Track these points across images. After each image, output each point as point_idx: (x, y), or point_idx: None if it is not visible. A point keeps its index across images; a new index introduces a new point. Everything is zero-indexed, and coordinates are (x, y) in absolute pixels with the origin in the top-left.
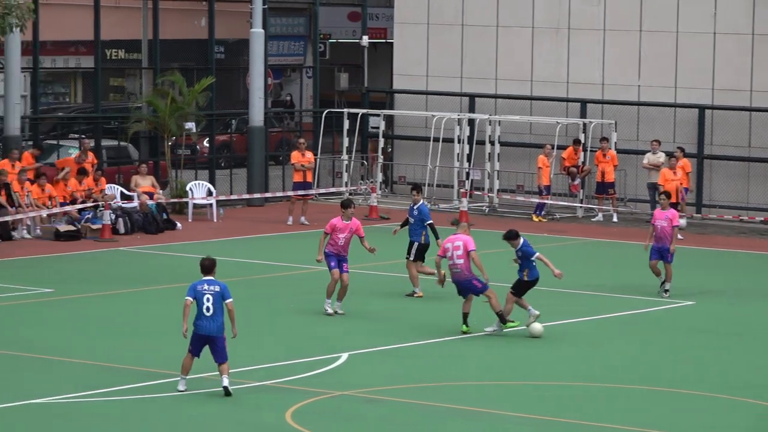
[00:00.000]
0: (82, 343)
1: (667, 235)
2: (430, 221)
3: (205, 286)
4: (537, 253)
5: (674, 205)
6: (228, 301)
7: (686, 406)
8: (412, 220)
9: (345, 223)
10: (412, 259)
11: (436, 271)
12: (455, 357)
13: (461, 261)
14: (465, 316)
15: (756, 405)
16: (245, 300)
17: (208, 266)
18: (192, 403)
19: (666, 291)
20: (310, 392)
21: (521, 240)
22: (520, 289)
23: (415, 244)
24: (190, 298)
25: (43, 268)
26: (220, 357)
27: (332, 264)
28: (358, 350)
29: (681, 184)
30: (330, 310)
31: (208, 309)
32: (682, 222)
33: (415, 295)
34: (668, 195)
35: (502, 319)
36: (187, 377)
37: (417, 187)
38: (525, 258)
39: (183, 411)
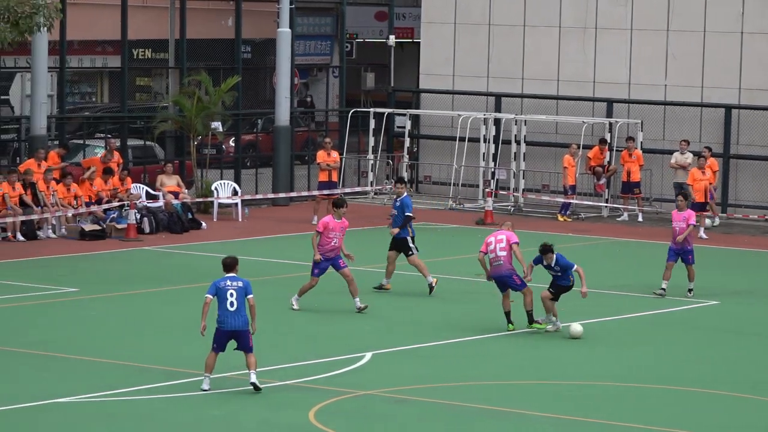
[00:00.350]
0: (106, 342)
1: (685, 236)
2: (410, 214)
3: (228, 282)
4: (575, 266)
5: (703, 205)
6: (249, 296)
7: (709, 405)
8: (395, 212)
9: (337, 221)
10: (413, 253)
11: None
12: (479, 357)
13: (504, 254)
14: (507, 315)
15: None
16: (269, 299)
17: (229, 264)
18: (216, 402)
19: (689, 291)
20: (334, 392)
21: (555, 254)
22: (557, 291)
23: (409, 239)
24: (210, 296)
25: (68, 267)
26: (247, 348)
27: (316, 271)
28: (382, 350)
29: (710, 183)
30: (296, 306)
31: (231, 304)
32: (711, 222)
33: (434, 284)
34: (685, 196)
35: (530, 318)
36: (212, 376)
37: (400, 180)
38: (564, 270)
39: (206, 410)
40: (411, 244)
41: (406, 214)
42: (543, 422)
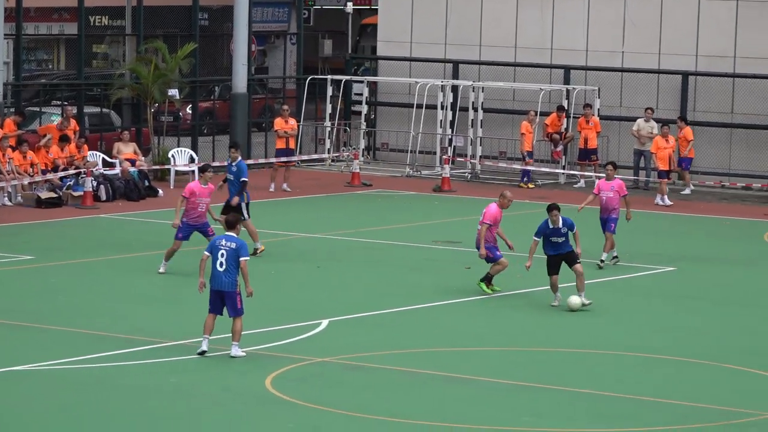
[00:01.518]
0: (62, 310)
1: (613, 206)
2: (245, 179)
3: (223, 242)
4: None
5: (667, 173)
6: (242, 259)
7: (666, 371)
8: (231, 177)
9: (203, 187)
10: (245, 218)
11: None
12: (435, 323)
13: (479, 227)
14: (486, 276)
15: (738, 370)
16: None
17: (230, 222)
18: (173, 368)
19: (615, 257)
20: (290, 359)
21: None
22: (566, 261)
23: (243, 205)
24: (207, 253)
25: (23, 235)
26: (233, 311)
27: (180, 235)
28: (338, 317)
29: (673, 152)
30: (163, 270)
31: (221, 264)
32: (682, 191)
33: (258, 251)
34: (614, 165)
35: (486, 278)
36: (210, 337)
37: (235, 145)
38: (569, 231)
39: (163, 377)
40: (244, 210)
41: (243, 179)
42: (496, 388)
